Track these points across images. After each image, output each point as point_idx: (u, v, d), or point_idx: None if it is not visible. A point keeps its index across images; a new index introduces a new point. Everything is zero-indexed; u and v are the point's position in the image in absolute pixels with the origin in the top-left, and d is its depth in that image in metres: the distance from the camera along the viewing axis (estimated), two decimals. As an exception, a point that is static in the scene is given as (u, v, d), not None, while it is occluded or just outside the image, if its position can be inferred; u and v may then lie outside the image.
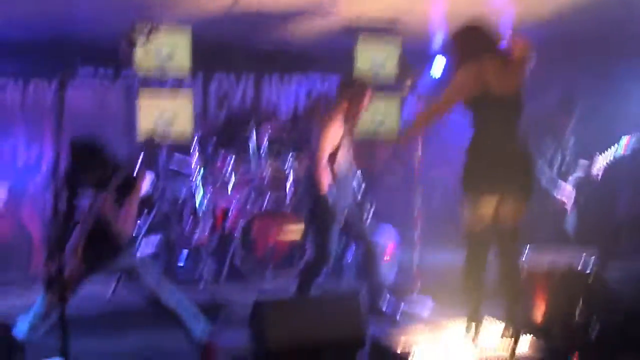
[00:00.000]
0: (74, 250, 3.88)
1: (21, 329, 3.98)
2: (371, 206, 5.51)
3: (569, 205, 5.54)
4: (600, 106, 6.22)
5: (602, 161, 5.56)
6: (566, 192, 5.53)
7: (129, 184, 4.11)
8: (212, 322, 4.54)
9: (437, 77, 6.63)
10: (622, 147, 5.56)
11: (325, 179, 4.79)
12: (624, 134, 5.64)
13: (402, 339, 4.09)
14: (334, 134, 4.83)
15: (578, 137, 5.63)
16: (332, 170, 4.85)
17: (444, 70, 6.44)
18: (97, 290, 5.40)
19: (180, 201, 6.24)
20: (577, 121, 5.54)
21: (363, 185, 5.33)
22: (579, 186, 5.59)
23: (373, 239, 5.17)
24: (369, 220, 5.19)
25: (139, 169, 4.21)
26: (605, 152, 5.59)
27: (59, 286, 3.84)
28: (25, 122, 6.66)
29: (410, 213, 5.48)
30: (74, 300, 3.97)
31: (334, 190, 4.82)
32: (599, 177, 5.57)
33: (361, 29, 6.42)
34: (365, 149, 6.85)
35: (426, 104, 3.96)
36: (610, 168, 5.61)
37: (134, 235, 4.44)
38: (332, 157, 4.86)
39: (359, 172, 5.32)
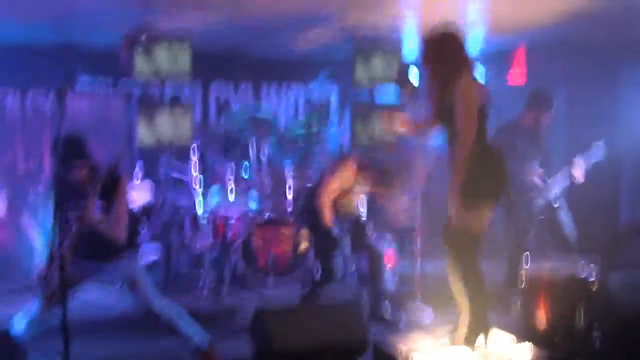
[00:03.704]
0: (67, 254, 3.87)
1: (17, 328, 4.00)
2: (374, 218, 5.53)
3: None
4: (592, 109, 6.21)
5: (583, 164, 5.48)
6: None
7: (113, 188, 4.10)
8: (214, 330, 4.53)
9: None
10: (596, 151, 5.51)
11: (329, 214, 4.91)
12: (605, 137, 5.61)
13: (403, 346, 4.07)
14: (343, 184, 4.96)
15: (569, 140, 5.60)
16: (337, 207, 4.93)
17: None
18: (99, 296, 5.41)
19: (181, 210, 6.23)
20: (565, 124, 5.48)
21: (366, 199, 5.36)
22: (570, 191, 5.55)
23: (377, 247, 5.19)
24: (372, 230, 5.22)
25: (121, 172, 4.19)
26: (585, 154, 5.52)
27: (53, 289, 3.88)
28: (25, 131, 6.66)
29: (411, 221, 5.48)
30: (75, 306, 3.95)
31: (337, 224, 4.92)
32: (581, 183, 5.51)
33: (360, 37, 6.43)
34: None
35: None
36: (607, 174, 5.58)
37: (133, 242, 4.45)
38: (340, 198, 4.96)
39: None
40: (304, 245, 5.88)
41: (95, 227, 3.98)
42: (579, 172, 5.46)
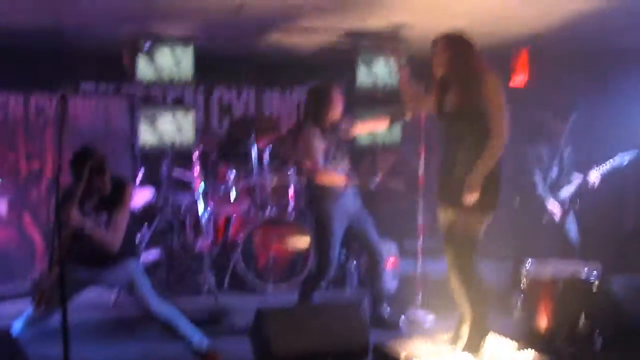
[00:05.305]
0: (64, 259, 3.88)
1: (16, 329, 4.02)
2: (375, 218, 5.48)
3: (557, 218, 5.48)
4: (598, 117, 6.19)
5: (597, 172, 5.50)
6: (554, 206, 5.48)
7: (116, 197, 4.12)
8: (214, 331, 4.52)
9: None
10: (619, 159, 5.51)
11: (332, 179, 4.81)
12: (623, 145, 5.61)
13: (404, 350, 4.06)
14: (318, 143, 4.85)
15: (575, 147, 5.60)
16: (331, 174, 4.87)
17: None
18: (100, 299, 5.41)
19: (182, 211, 6.23)
20: (575, 131, 5.49)
21: (367, 197, 5.31)
22: (576, 197, 5.54)
23: (379, 249, 5.15)
24: (373, 231, 5.17)
25: (128, 183, 4.24)
26: (602, 163, 5.52)
27: (43, 293, 3.91)
28: (27, 135, 6.66)
29: (413, 224, 5.47)
30: (76, 308, 3.96)
31: (339, 193, 4.84)
32: (595, 188, 5.52)
33: (363, 40, 6.43)
34: (367, 160, 6.86)
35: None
36: (613, 179, 5.56)
37: (131, 246, 4.46)
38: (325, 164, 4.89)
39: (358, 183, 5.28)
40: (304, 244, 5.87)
41: (87, 236, 4.00)
42: (594, 178, 5.49)
